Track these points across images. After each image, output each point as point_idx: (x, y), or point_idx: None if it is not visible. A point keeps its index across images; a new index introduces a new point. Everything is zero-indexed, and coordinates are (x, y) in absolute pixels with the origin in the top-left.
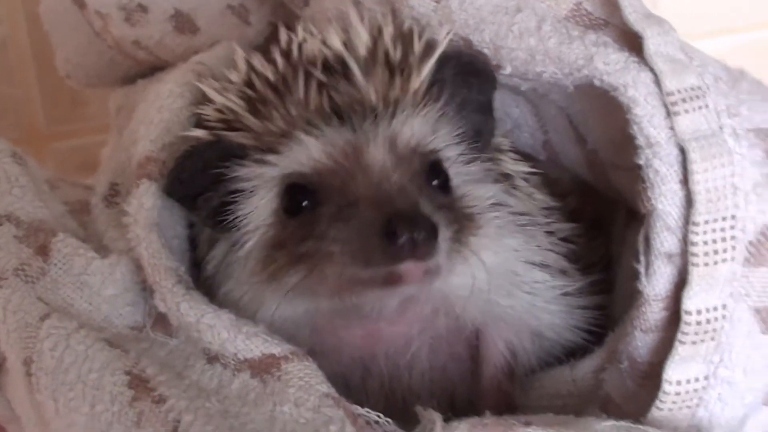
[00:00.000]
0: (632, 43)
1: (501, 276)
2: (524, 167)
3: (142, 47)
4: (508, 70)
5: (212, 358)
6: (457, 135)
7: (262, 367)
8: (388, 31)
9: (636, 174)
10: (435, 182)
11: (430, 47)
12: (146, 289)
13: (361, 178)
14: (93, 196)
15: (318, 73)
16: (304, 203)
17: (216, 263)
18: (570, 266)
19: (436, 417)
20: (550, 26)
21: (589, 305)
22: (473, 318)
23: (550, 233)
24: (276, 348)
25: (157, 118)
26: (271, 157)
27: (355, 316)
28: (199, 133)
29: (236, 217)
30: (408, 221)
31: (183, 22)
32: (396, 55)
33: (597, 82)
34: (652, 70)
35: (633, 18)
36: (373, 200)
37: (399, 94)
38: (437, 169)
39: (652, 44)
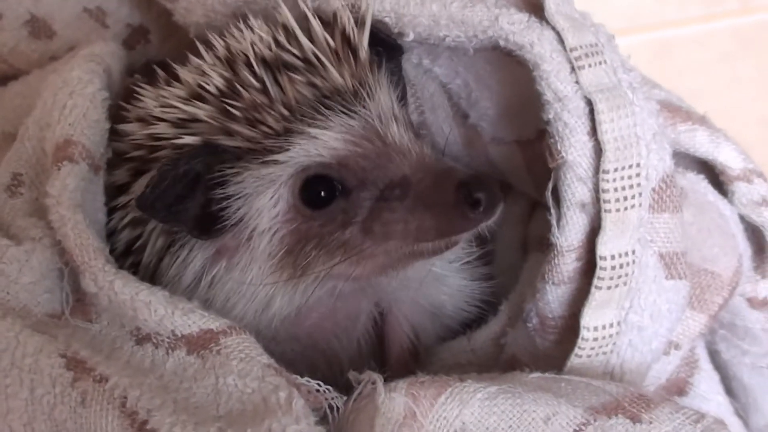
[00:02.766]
0: (527, 5)
1: None
2: None
3: None
4: (410, 36)
5: (142, 339)
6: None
7: (200, 343)
8: (317, 23)
9: (513, 147)
10: None
11: (358, 24)
12: (63, 276)
13: (396, 157)
14: None
15: (283, 73)
16: (329, 192)
17: (194, 276)
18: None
19: (377, 377)
20: None
21: (483, 275)
22: (393, 283)
23: None
24: (214, 323)
25: (70, 102)
26: (275, 157)
27: (333, 296)
28: (189, 139)
29: (230, 221)
30: (485, 184)
31: (38, 27)
32: (337, 39)
33: (502, 42)
34: (553, 28)
35: None
36: (430, 174)
37: (363, 72)
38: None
39: (552, 3)
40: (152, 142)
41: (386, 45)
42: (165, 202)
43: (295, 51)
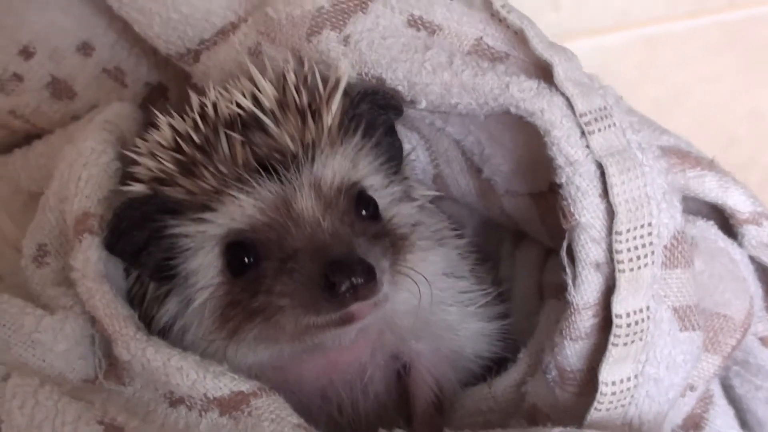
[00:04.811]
0: (537, 71)
1: (436, 289)
2: (428, 191)
3: (18, 116)
4: (423, 104)
5: (175, 402)
6: (375, 161)
7: (232, 405)
8: (291, 78)
9: (527, 200)
10: (364, 212)
11: (334, 83)
12: (95, 342)
13: (294, 230)
14: (21, 259)
15: (236, 131)
16: (246, 259)
17: (169, 317)
18: (483, 274)
19: None
20: (460, 60)
21: (501, 314)
22: (411, 333)
23: (457, 247)
24: (244, 385)
25: (85, 174)
26: (207, 215)
27: (316, 349)
28: (137, 187)
29: (182, 273)
30: (345, 269)
31: (60, 89)
32: (303, 98)
33: (513, 109)
34: (563, 94)
35: (540, 48)
36: (309, 251)
37: (315, 135)
38: (364, 199)
39: (561, 70)
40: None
41: (388, 106)
42: (124, 244)
43: (246, 110)
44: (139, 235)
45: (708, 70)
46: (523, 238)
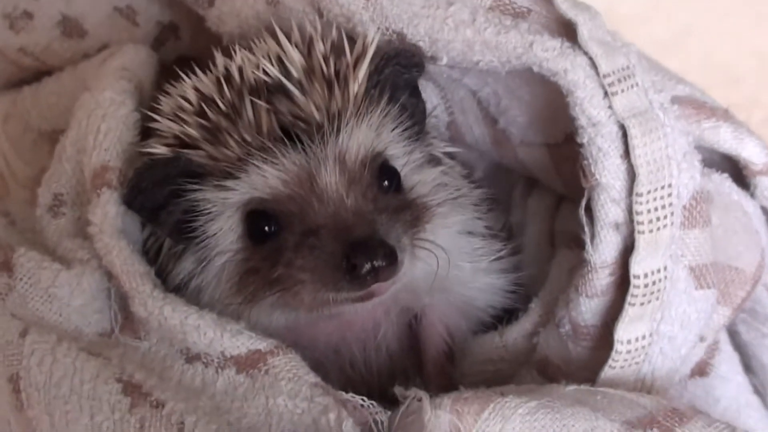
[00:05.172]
0: (560, 28)
1: (452, 251)
2: (448, 147)
3: (28, 54)
4: (444, 60)
5: (191, 358)
6: (399, 127)
7: (249, 363)
8: (319, 46)
9: (542, 149)
10: (387, 183)
11: (361, 50)
12: (111, 296)
13: (317, 205)
14: (36, 208)
15: (262, 98)
16: (267, 228)
17: (185, 276)
18: (491, 228)
19: (423, 394)
20: (483, 17)
21: (513, 266)
22: (425, 290)
23: (474, 203)
24: (261, 343)
25: (104, 126)
26: (230, 183)
27: (332, 314)
28: (161, 149)
29: (200, 235)
30: (367, 252)
31: (70, 27)
32: (330, 67)
33: (535, 68)
34: (586, 53)
35: (564, 7)
36: (331, 229)
37: (341, 104)
38: (387, 170)
39: (585, 30)
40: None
41: (410, 65)
42: (143, 202)
43: (272, 76)
44: (159, 194)
45: (713, 8)
46: (535, 185)
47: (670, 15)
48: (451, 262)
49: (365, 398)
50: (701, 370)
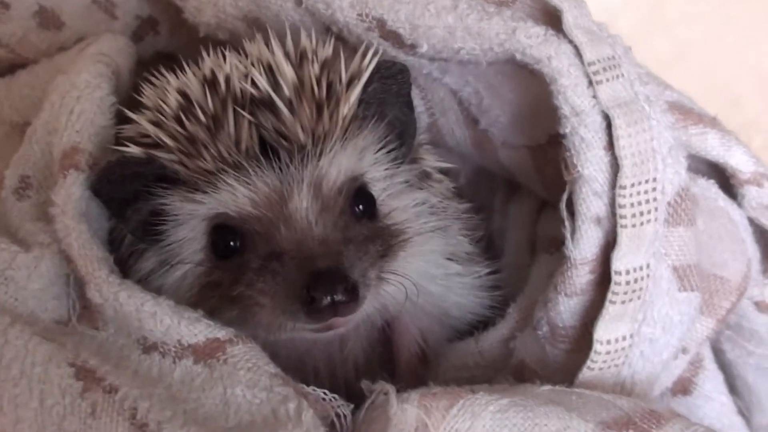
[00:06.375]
0: (545, 18)
1: (425, 278)
2: (440, 162)
3: (3, 45)
4: (424, 48)
5: (148, 348)
6: (384, 148)
7: (207, 352)
8: (314, 66)
9: (524, 152)
10: (360, 207)
11: (357, 70)
12: (70, 283)
13: (284, 230)
14: (2, 190)
15: (246, 110)
16: (232, 244)
17: (143, 275)
18: (474, 249)
19: (390, 388)
20: (465, 4)
21: (491, 284)
22: (394, 312)
23: (458, 225)
24: (220, 332)
25: (77, 108)
26: (198, 195)
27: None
28: (134, 150)
29: (164, 239)
30: (327, 285)
31: (47, 18)
32: (323, 87)
33: (518, 56)
34: (571, 42)
35: None
36: (295, 257)
37: (328, 127)
38: (362, 195)
39: (570, 17)
40: None
41: (396, 76)
42: (111, 192)
43: (261, 89)
44: (128, 188)
45: (713, 27)
46: (517, 190)
47: (669, 32)
48: (424, 288)
49: (327, 391)
50: (684, 388)
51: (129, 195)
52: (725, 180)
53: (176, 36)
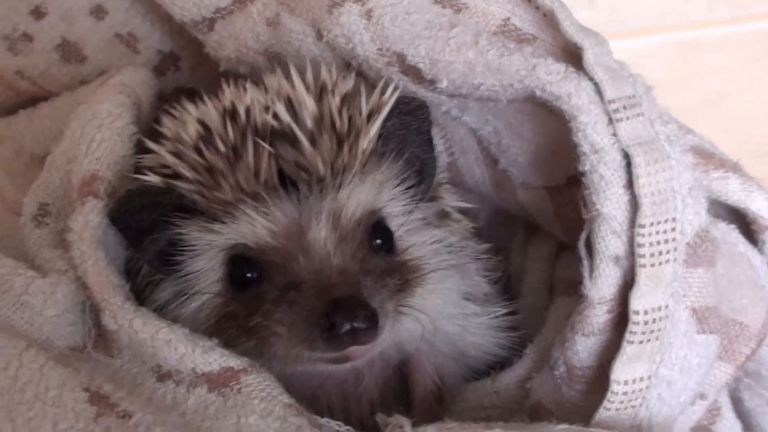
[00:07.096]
0: (566, 56)
1: (442, 316)
2: (460, 202)
3: (26, 77)
4: (444, 83)
5: (163, 376)
6: (402, 184)
7: (221, 381)
8: (334, 99)
9: (542, 193)
10: (378, 242)
11: (377, 104)
12: (86, 310)
13: (302, 260)
14: (21, 217)
15: (267, 141)
16: (250, 275)
17: (159, 306)
18: (491, 290)
19: (405, 421)
20: (486, 40)
21: (509, 325)
22: (410, 349)
23: (477, 258)
24: (234, 361)
25: (98, 136)
26: (217, 226)
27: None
28: (154, 179)
29: (182, 269)
30: (347, 311)
31: (70, 51)
32: (344, 120)
33: (538, 92)
34: (591, 79)
35: (571, 30)
36: (314, 287)
37: (347, 160)
38: (380, 229)
39: (591, 54)
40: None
41: (416, 112)
42: (129, 221)
43: (282, 121)
44: (146, 218)
45: (742, 79)
46: (536, 231)
47: (698, 83)
48: (440, 327)
49: (341, 423)
50: None
51: (147, 224)
52: (746, 226)
53: (197, 72)
